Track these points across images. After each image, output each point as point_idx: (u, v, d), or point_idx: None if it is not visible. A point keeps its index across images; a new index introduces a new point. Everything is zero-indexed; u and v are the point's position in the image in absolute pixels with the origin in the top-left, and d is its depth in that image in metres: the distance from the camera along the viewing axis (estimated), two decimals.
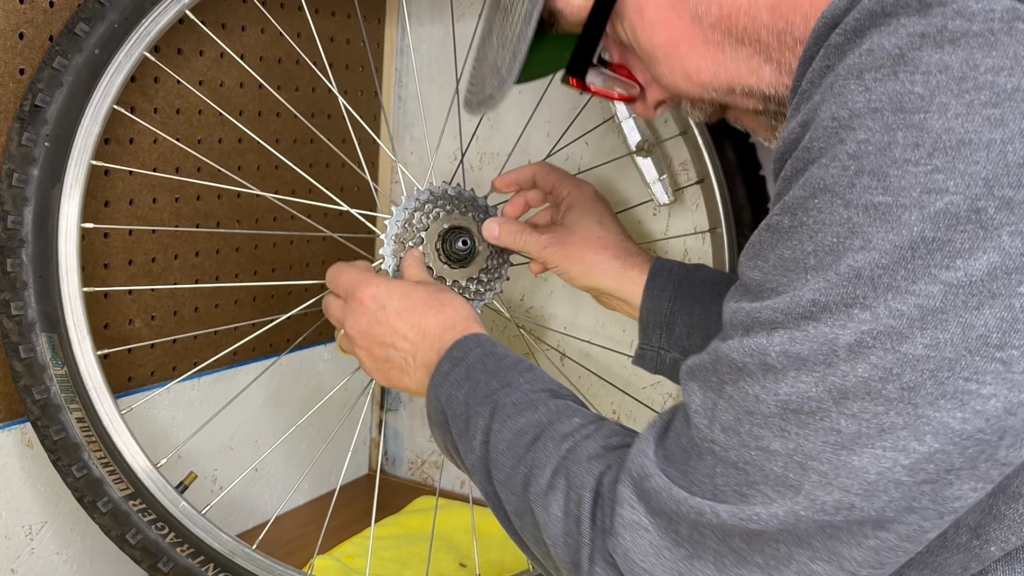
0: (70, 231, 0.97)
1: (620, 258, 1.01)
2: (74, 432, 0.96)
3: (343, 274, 0.94)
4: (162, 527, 1.00)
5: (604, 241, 1.01)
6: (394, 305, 0.89)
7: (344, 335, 0.93)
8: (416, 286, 0.91)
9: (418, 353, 0.86)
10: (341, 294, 0.94)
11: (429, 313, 0.87)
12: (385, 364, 0.89)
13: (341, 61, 1.37)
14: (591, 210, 1.03)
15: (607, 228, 1.02)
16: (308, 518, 1.36)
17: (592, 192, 1.05)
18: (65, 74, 0.95)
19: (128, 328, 1.13)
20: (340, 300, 0.94)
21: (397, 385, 0.90)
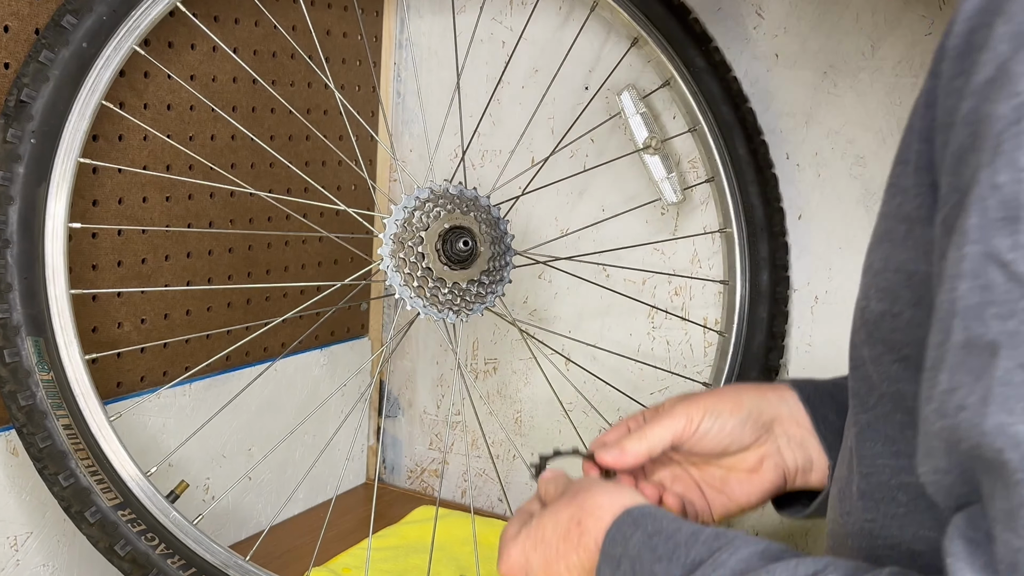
0: (57, 231, 0.96)
1: (749, 385, 0.90)
2: (61, 440, 0.95)
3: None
4: (152, 538, 0.99)
5: (721, 388, 0.89)
6: (535, 562, 0.78)
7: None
8: (543, 518, 0.79)
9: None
10: None
11: (571, 543, 0.75)
12: None
13: (338, 55, 1.37)
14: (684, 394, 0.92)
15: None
16: (303, 529, 1.36)
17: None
18: (52, 68, 0.94)
19: (117, 332, 1.13)
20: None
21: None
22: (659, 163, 1.19)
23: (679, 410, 0.84)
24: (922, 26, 1.14)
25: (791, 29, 1.21)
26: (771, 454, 0.86)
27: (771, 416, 0.86)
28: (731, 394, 0.86)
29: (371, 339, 1.50)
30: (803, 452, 0.86)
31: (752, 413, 0.85)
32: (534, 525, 0.79)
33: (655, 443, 0.84)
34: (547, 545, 0.76)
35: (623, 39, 1.27)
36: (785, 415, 0.86)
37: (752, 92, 1.23)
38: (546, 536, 0.77)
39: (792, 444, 0.86)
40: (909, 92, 1.15)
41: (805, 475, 0.87)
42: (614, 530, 0.71)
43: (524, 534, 0.79)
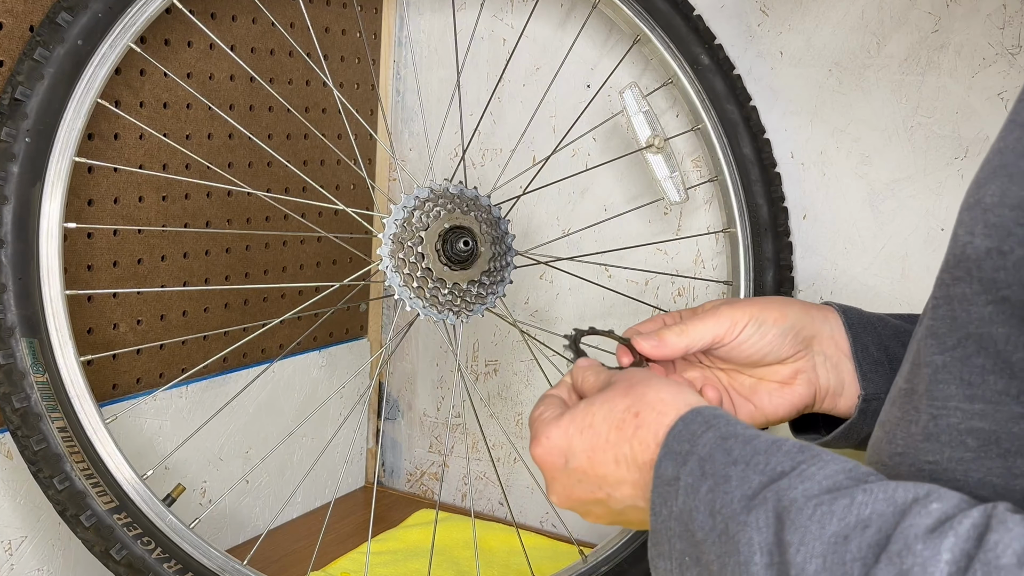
0: (52, 231, 0.96)
1: (795, 299, 0.88)
2: (56, 442, 0.95)
3: (529, 419, 0.78)
4: (148, 542, 0.99)
5: (765, 296, 0.88)
6: (579, 447, 0.72)
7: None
8: (592, 403, 0.73)
9: (647, 492, 0.68)
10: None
11: (626, 433, 0.70)
12: (619, 517, 0.74)
13: (336, 53, 1.37)
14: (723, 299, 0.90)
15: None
16: (302, 532, 1.35)
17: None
18: (46, 66, 0.94)
19: (113, 333, 1.13)
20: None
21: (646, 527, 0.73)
22: (662, 162, 1.18)
23: (724, 312, 0.83)
24: (929, 23, 1.14)
25: (796, 26, 1.21)
26: (806, 370, 0.86)
27: (812, 333, 0.85)
28: (777, 304, 0.85)
29: (370, 340, 1.50)
30: (837, 375, 0.85)
31: (795, 326, 0.84)
32: (581, 410, 0.73)
33: (695, 340, 0.83)
34: (595, 432, 0.71)
35: (625, 37, 1.27)
36: (826, 335, 0.85)
37: (756, 90, 1.23)
38: (595, 423, 0.72)
39: (828, 364, 0.85)
40: (915, 90, 1.15)
41: (835, 398, 0.86)
42: (681, 426, 0.66)
43: (568, 418, 0.74)
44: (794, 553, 0.55)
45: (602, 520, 0.75)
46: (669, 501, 0.64)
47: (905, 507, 0.54)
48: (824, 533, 0.54)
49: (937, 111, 1.15)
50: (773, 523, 0.57)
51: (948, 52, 1.13)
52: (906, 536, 0.52)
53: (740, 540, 0.58)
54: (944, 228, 1.16)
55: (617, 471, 0.70)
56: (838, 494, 0.56)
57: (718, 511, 0.60)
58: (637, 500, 0.70)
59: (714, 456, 0.63)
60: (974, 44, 1.12)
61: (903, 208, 1.18)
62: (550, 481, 0.75)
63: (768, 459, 0.61)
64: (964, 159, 1.14)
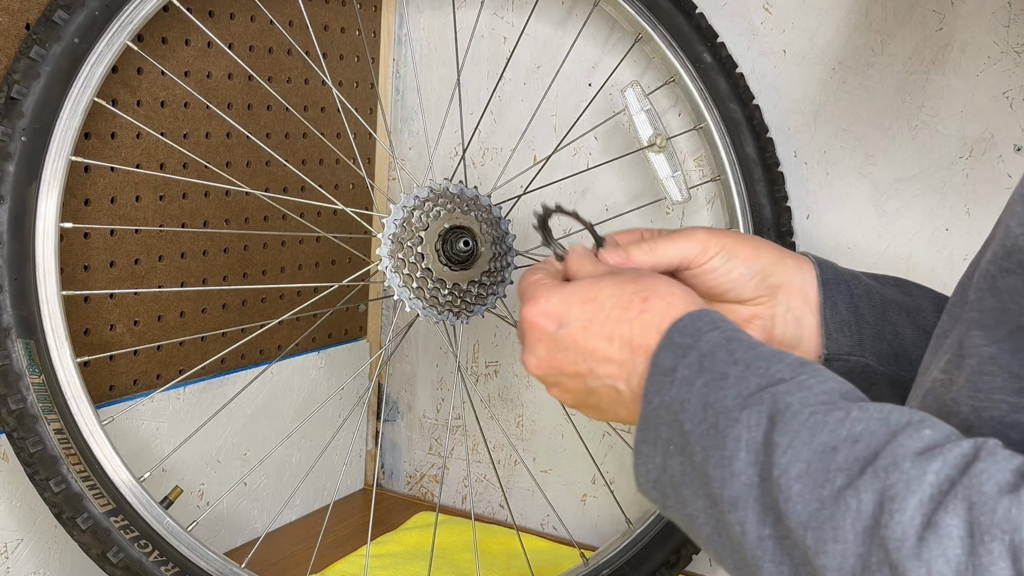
0: (48, 231, 0.96)
1: (774, 243, 0.86)
2: (52, 444, 0.95)
3: (519, 283, 0.77)
4: (145, 545, 0.99)
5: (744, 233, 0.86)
6: (576, 316, 0.71)
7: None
8: (600, 280, 0.73)
9: (631, 376, 0.69)
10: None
11: (629, 314, 0.69)
12: (589, 398, 0.73)
13: (335, 51, 1.37)
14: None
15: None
16: (300, 535, 1.35)
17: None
18: (43, 64, 0.94)
19: (109, 334, 1.13)
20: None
21: (615, 419, 0.74)
22: (664, 161, 1.18)
23: (698, 237, 0.82)
24: (933, 21, 1.14)
25: (799, 24, 1.21)
26: (764, 317, 0.85)
27: (781, 281, 0.84)
28: (753, 243, 0.84)
29: (369, 341, 1.50)
30: (796, 328, 0.85)
31: (764, 270, 0.84)
32: (588, 283, 0.73)
33: (661, 259, 0.82)
34: (598, 306, 0.71)
35: (627, 35, 1.27)
36: (795, 286, 0.85)
37: (759, 89, 1.23)
38: (600, 297, 0.71)
39: (789, 317, 0.85)
40: (920, 88, 1.15)
41: (788, 350, 0.84)
42: (687, 320, 0.66)
43: (574, 287, 0.73)
44: (780, 455, 0.55)
45: (568, 396, 0.75)
46: (662, 390, 0.64)
47: (898, 428, 0.54)
48: (814, 440, 0.55)
49: (942, 110, 1.15)
50: (764, 423, 0.57)
51: (953, 50, 1.13)
52: (895, 454, 0.52)
53: (728, 435, 0.58)
54: (949, 228, 1.15)
55: (608, 348, 0.70)
56: (833, 407, 0.57)
57: (711, 405, 0.60)
58: (618, 381, 0.70)
59: (715, 353, 0.63)
60: (979, 42, 1.12)
61: (907, 208, 1.18)
62: (533, 343, 0.74)
63: (769, 365, 0.61)
64: (969, 158, 1.14)
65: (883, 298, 0.87)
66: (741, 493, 0.57)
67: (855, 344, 0.84)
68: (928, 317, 0.88)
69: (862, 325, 0.85)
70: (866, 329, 0.85)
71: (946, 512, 0.49)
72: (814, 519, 0.53)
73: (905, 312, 0.88)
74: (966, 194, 1.15)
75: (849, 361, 0.85)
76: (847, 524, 0.52)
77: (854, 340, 0.85)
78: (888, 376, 0.87)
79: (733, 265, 0.83)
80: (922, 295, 0.90)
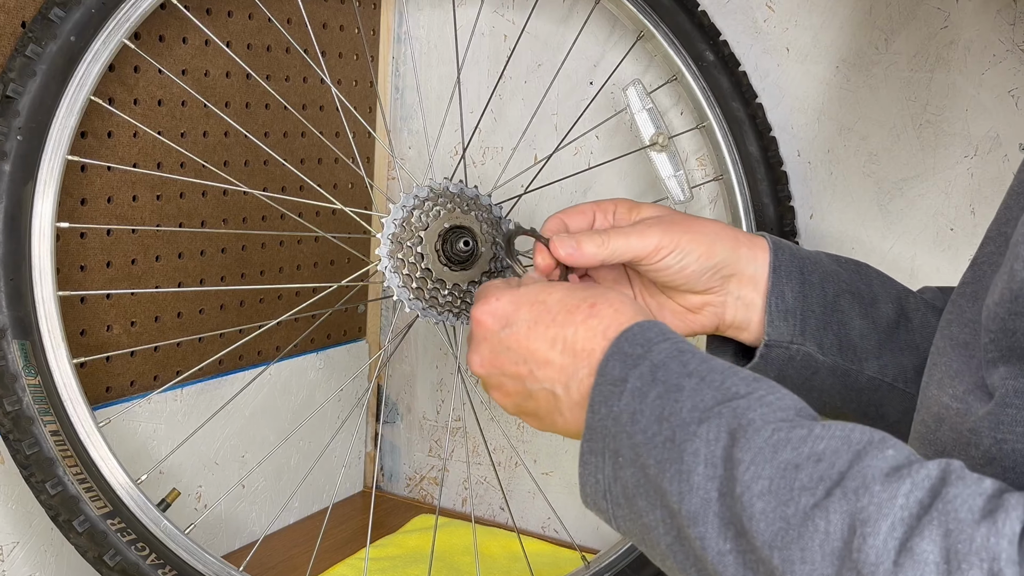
0: (44, 231, 0.96)
1: (731, 229, 0.87)
2: (48, 446, 0.95)
3: (478, 289, 0.79)
4: (143, 548, 0.99)
5: (703, 218, 0.87)
6: (523, 317, 0.72)
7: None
8: (553, 285, 0.74)
9: (571, 382, 0.69)
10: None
11: (576, 318, 0.69)
12: (527, 402, 0.73)
13: (334, 49, 1.37)
14: (662, 206, 0.90)
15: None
16: (299, 538, 1.35)
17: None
18: (38, 63, 0.94)
19: (106, 335, 1.13)
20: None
21: (551, 429, 0.73)
22: (666, 160, 1.18)
23: (651, 234, 0.83)
24: (938, 19, 1.14)
25: (802, 22, 1.21)
26: (714, 304, 0.87)
27: (733, 272, 0.86)
28: (708, 239, 0.85)
29: (369, 342, 1.49)
30: (746, 313, 0.87)
31: (717, 265, 0.85)
32: (539, 286, 0.74)
33: (613, 254, 0.82)
34: (545, 308, 0.71)
35: (629, 33, 1.27)
36: (747, 274, 0.86)
37: (762, 87, 1.23)
38: (549, 301, 0.72)
39: (739, 304, 0.87)
40: (924, 87, 1.15)
41: (737, 331, 0.88)
42: (636, 329, 0.67)
43: (525, 290, 0.74)
44: (743, 471, 0.55)
45: (507, 400, 0.75)
46: (611, 401, 0.64)
47: (860, 448, 0.54)
48: (776, 458, 0.55)
49: (946, 109, 1.15)
50: (725, 439, 0.57)
51: (958, 49, 1.13)
52: (864, 475, 0.53)
53: (686, 449, 0.58)
54: (954, 228, 1.15)
55: (550, 351, 0.70)
56: (795, 424, 0.57)
57: (666, 418, 0.60)
58: (556, 385, 0.70)
59: (668, 365, 0.63)
60: (984, 40, 1.12)
61: (912, 207, 1.18)
62: (478, 342, 0.75)
63: (725, 379, 0.62)
64: (974, 157, 1.14)
65: (838, 287, 0.89)
66: (700, 508, 0.57)
67: (797, 333, 0.86)
68: (881, 309, 0.90)
69: (807, 314, 0.87)
70: (811, 319, 0.87)
71: (921, 538, 0.49)
72: (779, 538, 0.53)
73: (858, 301, 0.89)
74: (971, 193, 1.15)
75: (790, 349, 0.86)
76: (815, 545, 0.52)
77: (797, 329, 0.86)
78: (829, 365, 0.88)
79: (687, 263, 0.84)
80: (880, 285, 0.92)
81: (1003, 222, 0.72)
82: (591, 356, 0.68)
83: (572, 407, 0.69)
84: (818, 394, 0.90)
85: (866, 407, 0.90)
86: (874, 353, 0.88)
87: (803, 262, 0.88)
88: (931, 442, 0.68)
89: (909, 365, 0.89)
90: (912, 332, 0.90)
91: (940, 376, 0.69)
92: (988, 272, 0.70)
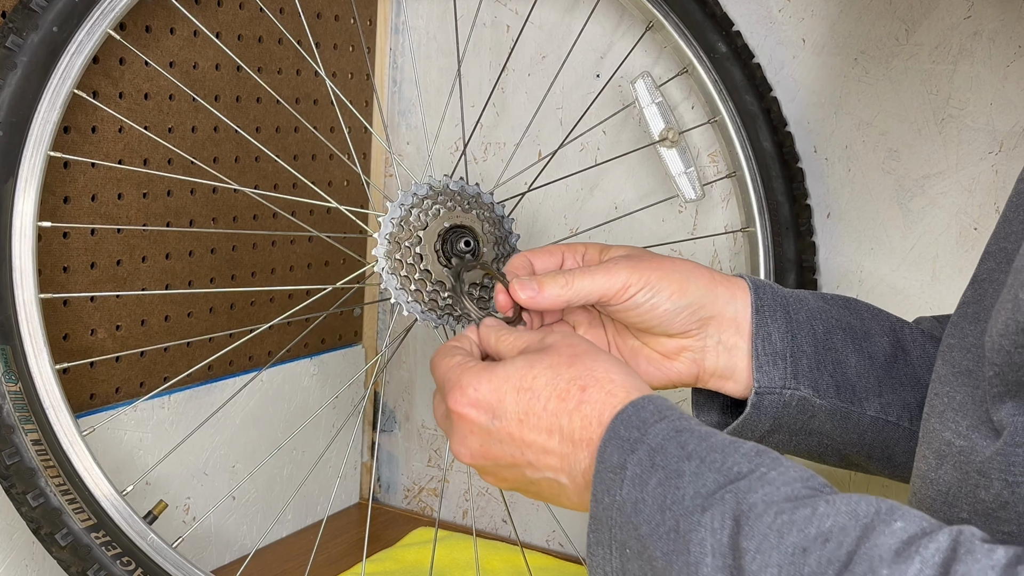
0: (25, 230, 0.96)
1: (706, 269, 0.87)
2: (29, 456, 0.95)
3: (436, 366, 0.78)
4: (128, 562, 0.99)
5: (676, 258, 0.87)
6: (511, 408, 0.71)
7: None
8: (533, 365, 0.73)
9: (574, 470, 0.69)
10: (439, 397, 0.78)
11: (568, 406, 0.70)
12: (531, 488, 0.74)
13: (329, 40, 1.37)
14: (635, 248, 0.90)
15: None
16: (292, 552, 1.35)
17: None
18: (19, 54, 0.94)
19: (90, 339, 1.13)
20: (443, 405, 0.77)
21: (562, 507, 0.74)
22: (676, 157, 1.18)
23: (618, 271, 0.82)
24: (961, 8, 1.14)
25: (819, 12, 1.20)
26: (693, 350, 0.86)
27: (712, 313, 0.85)
28: (680, 277, 0.84)
29: (365, 347, 1.49)
30: (729, 359, 0.86)
31: (692, 305, 0.84)
32: (520, 368, 0.73)
33: (578, 296, 0.82)
34: (534, 396, 0.71)
35: (637, 23, 1.27)
36: (727, 316, 0.85)
37: (777, 80, 1.23)
38: (536, 387, 0.71)
39: (720, 349, 0.85)
40: (946, 80, 1.15)
41: (721, 381, 0.87)
42: (631, 411, 0.67)
43: (504, 374, 0.73)
44: (750, 561, 0.55)
45: (506, 484, 0.75)
46: (613, 489, 0.64)
47: (868, 523, 0.55)
48: (783, 543, 0.55)
49: (970, 102, 1.14)
50: (730, 526, 0.58)
51: (982, 40, 1.13)
52: (871, 558, 0.53)
53: (691, 540, 0.58)
54: (977, 227, 1.15)
55: (548, 441, 0.70)
56: (799, 503, 0.57)
57: (668, 507, 0.60)
58: (560, 475, 0.70)
59: (666, 448, 0.63)
60: (1009, 31, 1.12)
61: (933, 206, 1.18)
62: (464, 435, 0.74)
63: (725, 458, 0.62)
64: (999, 153, 1.14)
65: (828, 324, 0.87)
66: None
67: (789, 376, 0.85)
68: (876, 342, 0.88)
69: (798, 356, 0.85)
70: (803, 360, 0.86)
71: None
72: None
73: (851, 337, 0.88)
74: (996, 191, 1.15)
75: (783, 394, 0.85)
76: None
77: (788, 372, 0.85)
78: (827, 408, 0.86)
79: (657, 301, 0.83)
80: (873, 319, 0.90)
81: (1003, 236, 0.72)
82: (591, 445, 0.68)
83: (578, 491, 0.70)
84: (819, 439, 0.89)
85: (871, 449, 0.89)
86: (874, 391, 0.87)
87: (787, 300, 0.87)
88: (933, 481, 0.68)
89: (913, 401, 0.87)
90: (912, 365, 0.89)
91: (942, 408, 0.69)
92: (990, 290, 0.70)
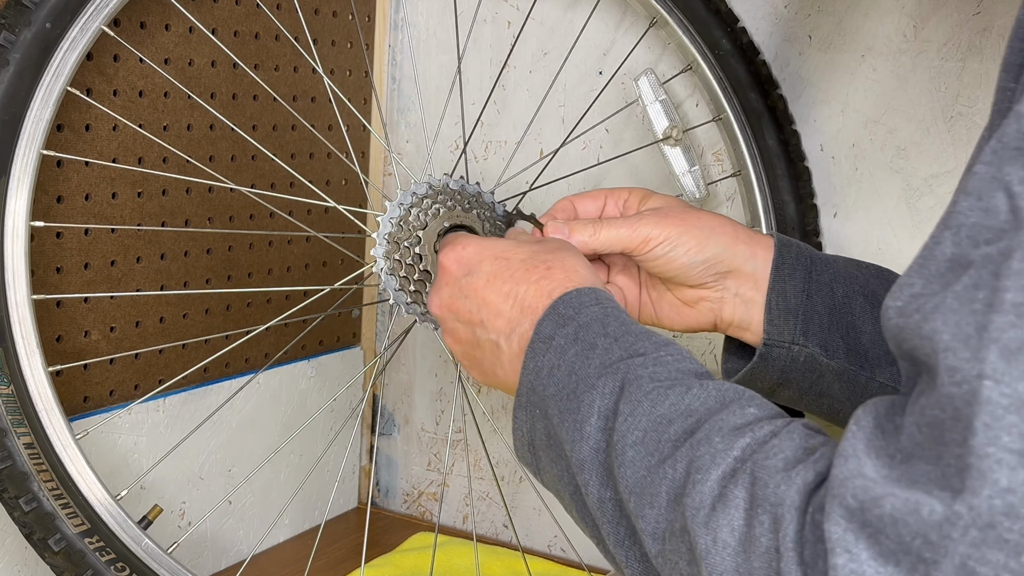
0: (17, 230, 0.96)
1: (732, 226, 0.92)
2: (22, 460, 0.95)
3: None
4: (122, 568, 0.99)
5: (707, 213, 0.92)
6: (485, 269, 0.80)
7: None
8: (519, 244, 0.82)
9: (514, 333, 0.76)
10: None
11: (531, 278, 0.77)
12: (474, 351, 0.81)
13: (327, 37, 1.37)
14: (673, 199, 0.96)
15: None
16: (289, 557, 1.35)
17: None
18: (12, 51, 0.94)
19: (84, 341, 1.12)
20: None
21: (492, 382, 0.81)
22: (680, 155, 1.18)
23: (643, 225, 0.89)
24: (970, 4, 1.13)
25: (825, 8, 1.20)
26: (711, 300, 0.92)
27: (729, 268, 0.91)
28: (701, 233, 0.90)
29: (363, 349, 1.49)
30: (746, 311, 0.91)
31: (710, 259, 0.90)
32: (506, 243, 0.83)
33: (603, 245, 0.89)
34: (506, 264, 0.79)
35: (640, 19, 1.27)
36: (747, 272, 0.91)
37: (783, 77, 1.23)
38: (511, 257, 0.80)
39: (738, 301, 0.91)
40: (955, 77, 1.15)
41: (739, 331, 0.93)
42: (575, 294, 0.74)
43: (492, 244, 0.83)
44: (622, 422, 0.63)
45: (458, 346, 0.83)
46: (538, 356, 0.71)
47: (725, 404, 0.61)
48: (653, 411, 0.62)
49: (979, 100, 1.14)
50: (616, 392, 0.65)
51: (991, 36, 1.13)
52: (711, 428, 0.59)
53: (583, 400, 0.66)
54: None
55: (503, 303, 0.77)
56: (678, 382, 0.64)
57: (575, 372, 0.68)
58: (500, 337, 0.77)
59: (591, 326, 0.71)
60: None
61: (942, 205, 1.17)
62: (440, 285, 0.84)
63: (636, 341, 0.69)
64: None
65: (850, 288, 0.91)
66: (588, 456, 0.64)
67: (799, 333, 0.89)
68: None
69: (810, 315, 0.89)
70: (815, 319, 0.90)
71: (735, 485, 0.55)
72: (638, 485, 0.60)
73: (873, 304, 0.91)
74: None
75: (792, 349, 0.89)
76: (662, 491, 0.59)
77: (799, 329, 0.89)
78: (835, 369, 0.90)
79: (675, 255, 0.89)
80: None
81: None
82: (534, 313, 0.75)
83: (512, 359, 0.76)
84: (829, 401, 0.92)
85: None
86: (888, 360, 0.89)
87: (812, 262, 0.91)
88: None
89: None
90: None
91: None
92: None
